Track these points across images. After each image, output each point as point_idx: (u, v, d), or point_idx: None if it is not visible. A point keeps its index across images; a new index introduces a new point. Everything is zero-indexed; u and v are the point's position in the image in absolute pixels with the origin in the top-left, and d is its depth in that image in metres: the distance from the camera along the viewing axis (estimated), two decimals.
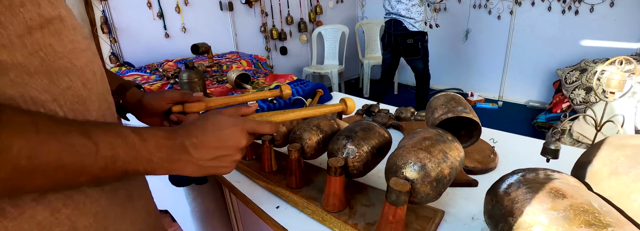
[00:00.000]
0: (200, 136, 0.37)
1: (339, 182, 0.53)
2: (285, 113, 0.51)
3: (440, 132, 0.55)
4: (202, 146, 0.36)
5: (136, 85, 0.58)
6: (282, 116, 0.51)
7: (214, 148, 0.37)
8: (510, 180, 0.47)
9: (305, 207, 0.59)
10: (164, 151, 0.34)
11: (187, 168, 0.36)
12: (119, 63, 2.49)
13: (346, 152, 0.54)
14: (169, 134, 0.36)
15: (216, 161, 0.38)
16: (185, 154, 0.36)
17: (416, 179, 0.46)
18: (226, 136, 0.38)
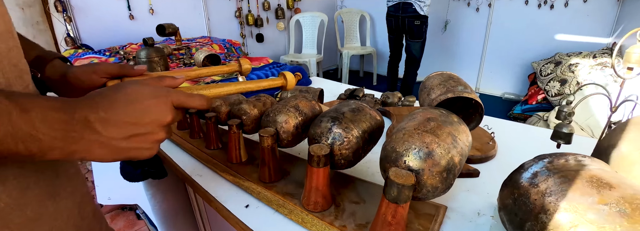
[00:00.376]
0: (110, 110, 0.29)
1: (322, 175, 0.43)
2: (220, 86, 0.45)
3: (444, 112, 0.45)
4: (114, 121, 0.29)
5: (60, 57, 0.46)
6: (216, 90, 0.44)
7: (129, 125, 0.30)
8: (535, 168, 0.39)
9: (281, 206, 0.48)
10: (56, 128, 0.26)
11: (93, 151, 0.29)
12: (75, 45, 2.24)
13: (332, 137, 0.43)
14: (64, 105, 0.27)
15: (133, 141, 0.30)
16: (90, 132, 0.28)
17: (422, 170, 0.36)
18: (145, 109, 0.31)
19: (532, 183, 0.37)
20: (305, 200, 0.45)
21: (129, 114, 0.30)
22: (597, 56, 2.48)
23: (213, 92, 0.43)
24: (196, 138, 0.71)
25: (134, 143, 0.30)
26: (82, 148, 0.28)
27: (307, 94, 0.70)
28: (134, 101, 0.30)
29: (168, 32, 1.69)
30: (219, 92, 0.44)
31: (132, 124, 0.30)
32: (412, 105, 0.91)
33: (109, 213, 1.81)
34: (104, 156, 0.29)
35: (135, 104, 0.30)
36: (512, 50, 3.21)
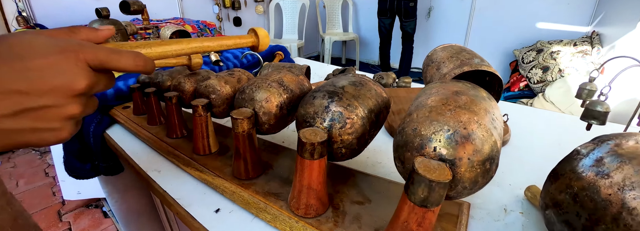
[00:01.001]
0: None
1: (317, 169, 0.31)
2: (166, 43, 0.29)
3: (470, 85, 0.35)
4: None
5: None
6: (160, 48, 0.29)
7: (14, 94, 0.20)
8: (598, 153, 0.29)
9: (262, 210, 0.36)
10: None
11: None
12: (28, 25, 1.99)
13: (330, 118, 0.32)
14: None
15: (24, 118, 0.21)
16: None
17: (458, 159, 0.26)
18: (42, 69, 0.21)
19: (600, 173, 0.28)
20: (295, 202, 0.34)
21: (13, 76, 0.20)
22: (578, 44, 2.49)
23: (155, 52, 0.28)
24: (155, 125, 0.58)
25: (27, 122, 0.21)
26: None
27: (293, 69, 0.58)
28: (24, 58, 0.20)
29: (133, 10, 1.49)
30: (164, 51, 0.29)
31: (19, 93, 0.20)
32: (408, 86, 0.81)
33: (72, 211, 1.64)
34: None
35: (25, 62, 0.20)
36: (494, 37, 3.21)
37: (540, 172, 0.50)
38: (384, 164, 0.50)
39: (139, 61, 0.25)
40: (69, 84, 0.21)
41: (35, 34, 0.22)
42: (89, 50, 0.22)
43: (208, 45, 0.32)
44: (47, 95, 0.21)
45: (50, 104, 0.21)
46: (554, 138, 0.60)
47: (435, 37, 3.52)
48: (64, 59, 0.21)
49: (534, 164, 0.52)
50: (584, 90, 0.54)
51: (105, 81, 0.24)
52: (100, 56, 0.23)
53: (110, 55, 0.23)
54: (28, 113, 0.20)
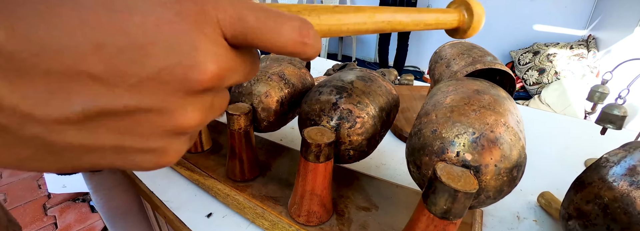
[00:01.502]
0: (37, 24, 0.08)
1: (322, 173, 0.28)
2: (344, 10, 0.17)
3: (488, 84, 0.32)
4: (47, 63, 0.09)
5: None
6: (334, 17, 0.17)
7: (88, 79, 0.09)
8: (631, 161, 0.27)
9: (259, 215, 0.33)
10: None
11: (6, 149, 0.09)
12: None
13: (338, 116, 0.29)
14: None
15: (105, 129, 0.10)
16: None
17: (485, 166, 0.23)
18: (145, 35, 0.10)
19: (635, 183, 0.25)
20: (296, 208, 0.31)
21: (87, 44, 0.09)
22: (574, 47, 2.50)
23: (326, 24, 0.16)
24: None
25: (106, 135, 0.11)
26: None
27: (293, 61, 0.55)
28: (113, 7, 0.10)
29: None
30: (338, 24, 0.17)
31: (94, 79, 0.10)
32: (410, 84, 0.79)
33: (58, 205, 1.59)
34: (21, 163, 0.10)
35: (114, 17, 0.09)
36: (491, 38, 3.20)
37: (552, 177, 0.48)
38: (388, 165, 0.47)
39: (306, 34, 0.13)
40: (187, 70, 0.11)
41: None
42: (228, 5, 0.12)
43: (400, 20, 0.20)
44: (145, 89, 0.10)
45: (148, 106, 0.11)
46: (562, 141, 0.58)
47: (431, 36, 3.51)
48: (179, 17, 0.10)
49: (544, 169, 0.49)
50: (596, 93, 0.51)
51: (249, 66, 0.13)
52: (248, 20, 0.12)
53: (266, 19, 0.12)
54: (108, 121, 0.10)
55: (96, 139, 0.11)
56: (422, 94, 0.68)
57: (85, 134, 0.10)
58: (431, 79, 0.55)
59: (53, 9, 0.09)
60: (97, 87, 0.10)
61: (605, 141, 0.57)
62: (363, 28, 0.18)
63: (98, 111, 0.10)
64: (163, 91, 0.11)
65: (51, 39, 0.09)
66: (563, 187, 0.43)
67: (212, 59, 0.11)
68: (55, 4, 0.09)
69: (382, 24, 0.19)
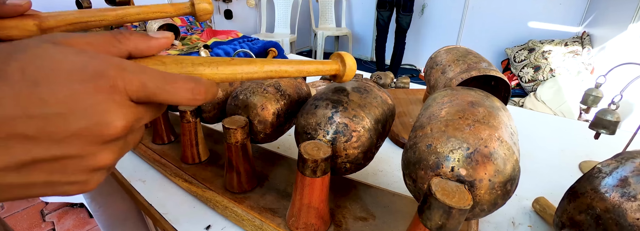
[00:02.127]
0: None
1: (319, 187, 0.29)
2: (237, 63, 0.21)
3: (483, 94, 0.32)
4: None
5: None
6: (229, 68, 0.20)
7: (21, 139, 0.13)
8: (622, 172, 0.27)
9: (258, 227, 0.33)
10: None
11: None
12: None
13: (334, 130, 0.29)
14: None
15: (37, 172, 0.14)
16: None
17: (479, 181, 0.23)
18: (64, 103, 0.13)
19: (626, 194, 0.26)
20: (294, 220, 0.31)
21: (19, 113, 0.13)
22: (569, 44, 2.51)
23: (223, 73, 0.20)
24: None
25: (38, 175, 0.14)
26: None
27: None
28: (38, 83, 0.13)
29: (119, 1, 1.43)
30: (233, 73, 0.21)
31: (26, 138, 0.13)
32: (406, 87, 0.79)
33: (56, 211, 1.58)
34: None
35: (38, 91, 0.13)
36: (487, 35, 3.22)
37: (546, 182, 0.48)
38: (385, 172, 0.47)
39: (198, 92, 0.17)
40: (100, 128, 0.14)
41: (63, 45, 0.15)
42: (133, 77, 0.15)
43: (285, 70, 0.24)
44: (68, 143, 0.14)
45: (71, 154, 0.14)
46: (557, 144, 0.59)
47: (428, 34, 3.51)
48: (95, 90, 0.14)
49: (539, 173, 0.50)
50: (590, 96, 0.52)
51: (151, 113, 0.17)
52: (148, 87, 0.15)
53: (163, 85, 0.16)
54: (40, 165, 0.14)
55: (31, 178, 0.14)
56: (418, 98, 0.68)
57: (22, 176, 0.14)
58: (427, 84, 0.56)
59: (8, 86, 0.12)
60: (30, 144, 0.13)
61: (600, 144, 0.57)
62: (255, 76, 0.22)
63: (31, 160, 0.13)
64: (83, 143, 0.14)
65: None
66: (557, 191, 0.43)
67: (120, 117, 0.15)
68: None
69: (271, 72, 0.23)
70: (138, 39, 0.17)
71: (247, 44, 0.90)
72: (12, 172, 0.13)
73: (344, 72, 0.28)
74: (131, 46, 0.17)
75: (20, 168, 0.13)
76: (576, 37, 2.67)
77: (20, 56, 0.13)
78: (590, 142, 0.59)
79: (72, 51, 0.14)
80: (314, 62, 0.27)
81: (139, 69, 0.15)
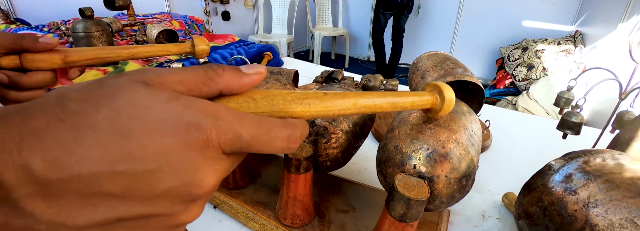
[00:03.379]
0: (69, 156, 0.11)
1: (303, 182, 0.33)
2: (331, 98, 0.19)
3: None
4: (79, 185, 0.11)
5: None
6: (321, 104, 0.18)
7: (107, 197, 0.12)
8: (567, 170, 0.31)
9: (251, 219, 0.37)
10: None
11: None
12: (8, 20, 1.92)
13: (316, 133, 0.33)
14: None
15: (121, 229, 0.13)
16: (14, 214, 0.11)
17: (437, 177, 0.27)
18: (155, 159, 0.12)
19: (568, 189, 0.30)
20: (282, 212, 0.35)
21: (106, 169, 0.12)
22: (562, 43, 2.55)
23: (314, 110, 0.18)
24: None
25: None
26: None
27: (280, 77, 0.59)
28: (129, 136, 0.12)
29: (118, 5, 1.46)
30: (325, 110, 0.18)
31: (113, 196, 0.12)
32: (395, 89, 0.83)
33: None
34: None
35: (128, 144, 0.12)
36: (482, 35, 3.25)
37: (518, 178, 0.52)
38: (369, 170, 0.52)
39: (294, 140, 0.15)
40: (191, 188, 0.13)
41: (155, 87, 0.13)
42: (228, 128, 0.14)
43: (380, 105, 0.22)
44: (155, 202, 0.13)
45: (157, 213, 0.13)
46: (533, 143, 0.63)
47: (424, 33, 3.55)
48: (187, 146, 0.13)
49: (512, 170, 0.54)
50: (562, 98, 0.56)
51: (238, 161, 0.16)
52: (243, 139, 0.14)
53: (260, 136, 0.14)
54: (123, 223, 0.13)
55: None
56: None
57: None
58: (409, 88, 0.59)
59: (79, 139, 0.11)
60: (116, 202, 0.12)
61: (573, 143, 0.61)
62: (347, 113, 0.20)
63: (116, 218, 0.12)
64: (171, 202, 0.13)
65: (80, 168, 0.11)
66: None
67: (211, 176, 0.14)
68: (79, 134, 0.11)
69: (364, 108, 0.21)
70: (230, 76, 0.16)
71: (243, 49, 0.94)
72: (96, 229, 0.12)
73: (441, 106, 0.25)
74: (223, 85, 0.15)
75: (104, 226, 0.12)
76: (569, 36, 2.71)
77: (110, 102, 0.12)
78: (566, 141, 0.63)
79: (165, 96, 0.13)
80: (409, 94, 0.24)
81: (234, 118, 0.14)
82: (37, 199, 0.11)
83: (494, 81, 2.86)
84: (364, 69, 3.65)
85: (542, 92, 2.14)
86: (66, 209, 0.11)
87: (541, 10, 2.94)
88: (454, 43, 3.42)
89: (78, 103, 0.12)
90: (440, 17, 3.38)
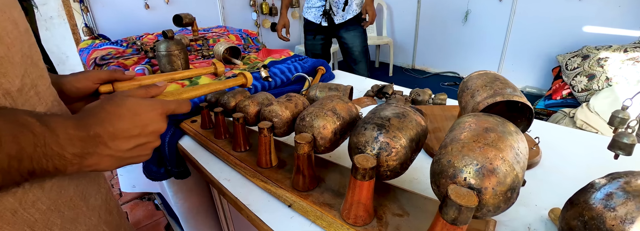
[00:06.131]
0: (116, 124, 0.32)
1: (367, 188, 0.39)
2: (195, 89, 0.52)
3: (500, 120, 0.41)
4: (121, 135, 0.32)
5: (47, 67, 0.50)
6: (192, 93, 0.51)
7: (133, 137, 0.33)
8: (608, 189, 0.34)
9: (319, 217, 0.45)
10: (77, 145, 0.28)
11: (103, 163, 0.31)
12: (92, 36, 2.26)
13: (378, 147, 0.39)
14: (79, 122, 0.30)
15: (136, 150, 0.34)
16: (102, 147, 0.30)
17: (484, 188, 0.33)
18: (146, 121, 0.34)
19: (608, 206, 0.33)
20: (346, 212, 0.42)
21: (133, 127, 0.33)
22: (629, 50, 2.34)
23: (189, 96, 0.50)
24: (221, 139, 0.68)
25: (136, 152, 0.34)
26: (95, 161, 0.30)
27: (338, 93, 0.67)
28: (136, 114, 0.33)
29: (185, 23, 1.66)
30: (193, 95, 0.51)
31: (136, 136, 0.33)
32: (443, 103, 0.87)
33: (128, 202, 1.84)
34: (111, 166, 0.32)
35: (137, 117, 0.33)
36: (536, 42, 3.08)
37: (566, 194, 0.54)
38: (419, 180, 0.57)
39: (189, 106, 0.41)
40: (159, 129, 0.36)
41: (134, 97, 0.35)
42: (167, 106, 0.37)
43: (218, 87, 0.59)
44: (149, 136, 0.35)
45: (149, 141, 0.35)
46: (584, 160, 0.63)
47: (473, 42, 3.44)
48: (156, 114, 0.35)
49: (561, 186, 0.56)
50: (616, 118, 0.57)
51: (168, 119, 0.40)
52: (171, 108, 0.38)
53: (177, 106, 0.39)
54: (138, 147, 0.34)
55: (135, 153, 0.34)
56: (453, 114, 0.76)
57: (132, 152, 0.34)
58: (459, 105, 0.64)
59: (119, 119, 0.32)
60: (136, 138, 0.33)
61: (626, 162, 0.61)
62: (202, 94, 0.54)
63: (135, 145, 0.34)
64: (154, 135, 0.36)
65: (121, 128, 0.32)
66: None
67: (164, 124, 0.37)
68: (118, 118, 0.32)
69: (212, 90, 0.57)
70: (152, 90, 0.41)
71: (299, 63, 1.03)
72: (129, 151, 0.33)
73: (247, 82, 0.67)
74: (153, 93, 0.41)
75: (132, 149, 0.33)
76: (638, 42, 2.48)
77: (123, 101, 0.34)
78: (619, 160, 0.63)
79: (140, 99, 0.35)
80: (231, 80, 0.64)
81: (169, 102, 0.38)
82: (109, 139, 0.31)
83: (550, 91, 2.69)
84: (407, 77, 3.63)
85: (605, 104, 1.99)
86: (120, 142, 0.32)
87: (605, 15, 2.72)
88: (505, 51, 3.28)
89: (111, 106, 0.33)
90: (489, 24, 3.26)
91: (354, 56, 2.09)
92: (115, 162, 0.33)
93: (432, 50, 3.68)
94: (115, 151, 0.32)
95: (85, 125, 0.30)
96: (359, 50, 2.07)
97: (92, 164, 0.30)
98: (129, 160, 0.34)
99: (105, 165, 0.32)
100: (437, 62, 3.69)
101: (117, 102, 0.33)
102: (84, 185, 0.37)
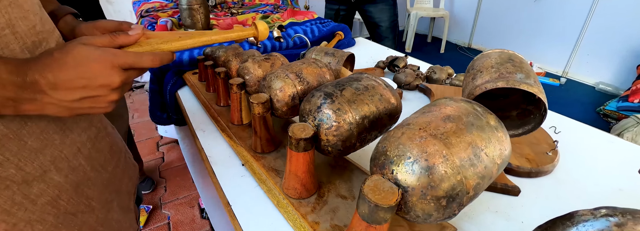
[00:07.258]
0: (57, 73, 0.29)
1: (302, 160, 0.36)
2: (180, 39, 0.40)
3: (478, 110, 0.33)
4: (62, 85, 0.30)
5: (72, 12, 0.48)
6: (176, 43, 0.40)
7: (77, 89, 0.30)
8: (592, 226, 0.27)
9: (263, 181, 0.44)
10: (9, 89, 0.28)
11: (47, 109, 0.31)
12: None
13: (319, 118, 0.35)
14: (16, 68, 0.28)
15: (85, 102, 0.32)
16: (41, 95, 0.29)
17: (412, 188, 0.27)
18: (92, 73, 0.31)
19: None
20: (285, 182, 0.40)
21: (76, 78, 0.30)
22: None
23: (171, 47, 0.39)
24: (210, 92, 0.68)
25: (86, 104, 0.32)
26: (36, 107, 0.30)
27: (334, 59, 0.61)
28: (81, 64, 0.30)
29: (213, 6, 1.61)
30: (178, 46, 0.40)
31: (81, 88, 0.30)
32: (460, 85, 0.77)
33: (166, 144, 2.00)
34: (59, 113, 0.31)
35: (82, 68, 0.30)
36: (622, 31, 2.54)
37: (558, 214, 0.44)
38: None
39: (156, 60, 0.35)
40: (110, 83, 0.32)
41: (88, 46, 0.31)
42: (120, 57, 0.33)
43: (214, 38, 0.44)
44: (97, 89, 0.31)
45: (100, 94, 0.32)
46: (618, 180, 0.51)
47: (544, 24, 2.95)
48: (104, 66, 0.31)
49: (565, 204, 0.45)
50: None
51: (135, 74, 0.35)
52: (128, 61, 0.33)
53: (136, 59, 0.34)
54: (86, 100, 0.32)
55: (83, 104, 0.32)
56: None
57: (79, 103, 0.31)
58: (462, 88, 0.55)
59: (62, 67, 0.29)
60: (81, 90, 0.30)
61: None
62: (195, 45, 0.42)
63: (83, 97, 0.31)
64: (104, 90, 0.32)
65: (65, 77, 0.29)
66: None
67: (118, 78, 0.32)
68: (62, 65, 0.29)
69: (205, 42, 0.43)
70: (120, 39, 0.36)
71: (317, 26, 0.97)
72: (75, 102, 0.31)
73: (258, 34, 0.49)
74: (120, 42, 0.36)
75: (79, 101, 0.31)
76: None
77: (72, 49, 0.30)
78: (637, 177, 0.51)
79: (92, 48, 0.31)
80: (235, 31, 0.48)
81: (123, 53, 0.33)
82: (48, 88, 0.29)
83: (627, 92, 2.29)
84: (460, 56, 3.30)
85: None
86: (62, 93, 0.30)
87: None
88: (582, 38, 2.78)
89: (59, 53, 0.30)
90: (568, 5, 2.75)
91: (381, 31, 1.75)
92: (63, 110, 0.31)
93: (494, 28, 3.25)
94: (58, 101, 0.30)
95: (23, 70, 0.28)
96: (386, 25, 1.73)
97: (33, 109, 0.30)
98: (79, 110, 0.32)
99: (51, 112, 0.31)
100: (498, 43, 3.28)
101: (66, 49, 0.30)
102: (65, 120, 0.37)
